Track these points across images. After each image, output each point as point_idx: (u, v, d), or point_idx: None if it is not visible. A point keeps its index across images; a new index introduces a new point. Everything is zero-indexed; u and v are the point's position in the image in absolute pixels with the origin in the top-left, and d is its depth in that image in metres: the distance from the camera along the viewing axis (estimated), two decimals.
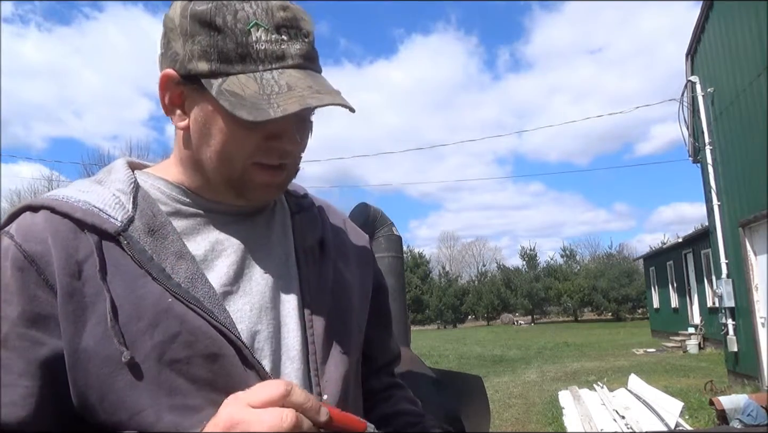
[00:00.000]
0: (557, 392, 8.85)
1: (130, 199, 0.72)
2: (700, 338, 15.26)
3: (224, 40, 0.68)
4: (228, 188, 0.75)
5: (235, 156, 0.71)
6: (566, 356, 15.41)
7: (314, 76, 0.70)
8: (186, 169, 0.77)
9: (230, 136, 0.70)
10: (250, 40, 0.67)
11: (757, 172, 7.72)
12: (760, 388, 7.83)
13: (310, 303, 0.78)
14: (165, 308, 0.66)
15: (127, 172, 0.77)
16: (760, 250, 8.22)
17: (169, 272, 0.68)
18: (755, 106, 7.78)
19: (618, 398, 7.75)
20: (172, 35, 0.71)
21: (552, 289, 38.72)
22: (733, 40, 8.49)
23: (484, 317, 42.39)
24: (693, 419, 6.67)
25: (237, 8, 0.68)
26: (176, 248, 0.71)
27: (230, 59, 0.68)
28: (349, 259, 0.88)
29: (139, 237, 0.69)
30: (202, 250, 0.74)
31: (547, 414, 7.60)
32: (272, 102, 0.65)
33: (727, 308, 9.14)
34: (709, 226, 10.43)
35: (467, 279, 47.09)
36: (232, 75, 0.68)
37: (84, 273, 0.66)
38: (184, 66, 0.70)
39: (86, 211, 0.69)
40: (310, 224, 0.85)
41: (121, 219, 0.70)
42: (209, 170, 0.73)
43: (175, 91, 0.72)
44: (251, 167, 0.72)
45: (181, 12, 0.70)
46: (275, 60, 0.68)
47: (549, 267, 42.59)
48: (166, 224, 0.72)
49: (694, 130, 10.21)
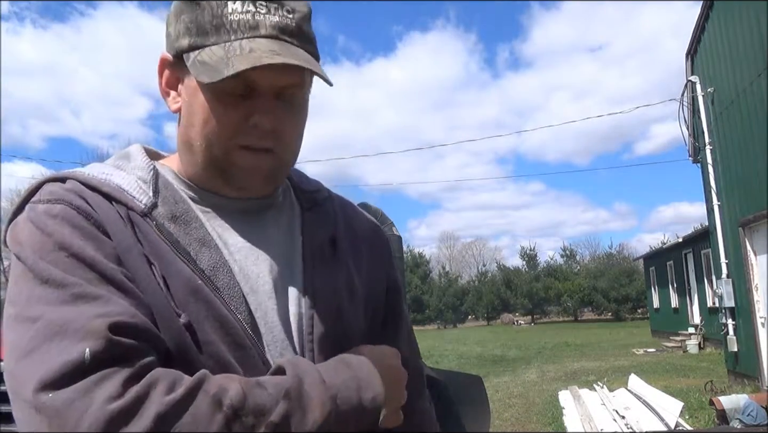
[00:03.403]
0: (557, 392, 8.84)
1: (150, 186, 0.73)
2: (700, 338, 15.26)
3: (202, 14, 0.70)
4: (215, 172, 0.74)
5: (217, 134, 0.71)
6: (566, 356, 15.40)
7: (285, 45, 0.70)
8: (182, 155, 0.77)
9: (210, 111, 0.70)
10: (225, 12, 0.69)
11: (757, 172, 7.72)
12: (760, 388, 7.83)
13: (311, 306, 0.76)
14: (195, 289, 0.67)
15: (145, 159, 0.77)
16: (760, 250, 8.22)
17: (194, 257, 0.69)
18: (755, 106, 7.78)
19: (618, 398, 7.75)
20: (170, 19, 0.74)
21: (552, 289, 38.70)
22: (733, 40, 8.48)
23: (484, 317, 42.39)
24: (693, 419, 6.67)
25: None
26: (200, 234, 0.71)
27: (206, 31, 0.70)
28: (362, 257, 0.86)
29: (160, 222, 0.70)
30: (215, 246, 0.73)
31: (547, 414, 7.60)
32: (229, 64, 0.66)
33: (727, 308, 9.14)
34: (709, 226, 10.43)
35: (467, 279, 47.10)
36: (206, 47, 0.69)
37: (126, 241, 0.67)
38: (173, 46, 0.73)
39: (114, 188, 0.70)
40: (321, 221, 0.83)
41: (145, 202, 0.70)
42: (197, 152, 0.73)
43: (171, 73, 0.74)
44: (236, 150, 0.72)
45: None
46: (248, 30, 0.69)
47: (549, 267, 42.57)
48: (188, 211, 0.73)
49: (694, 130, 10.20)
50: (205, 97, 0.70)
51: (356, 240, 0.86)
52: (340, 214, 0.87)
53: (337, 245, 0.82)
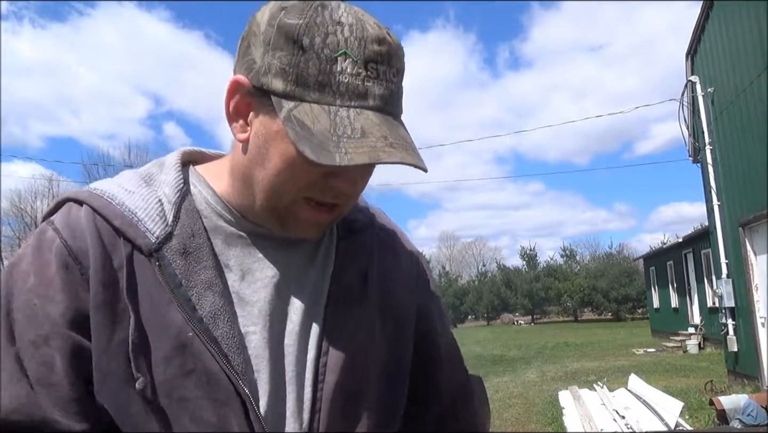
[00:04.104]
0: (557, 392, 8.84)
1: (173, 209, 0.70)
2: (700, 338, 15.25)
3: (306, 63, 0.62)
4: (271, 216, 0.71)
5: (288, 186, 0.66)
6: (566, 356, 15.40)
7: (392, 125, 0.64)
8: (235, 182, 0.72)
9: (288, 164, 0.64)
10: (334, 69, 0.62)
11: (757, 172, 7.72)
12: (760, 388, 7.83)
13: (327, 353, 0.72)
14: (184, 342, 0.64)
15: (178, 175, 0.73)
16: (760, 250, 8.22)
17: (194, 302, 0.66)
18: (755, 106, 7.77)
19: (618, 398, 7.75)
20: (254, 41, 0.66)
21: (552, 289, 38.69)
22: (733, 40, 8.48)
23: (484, 317, 42.40)
24: (693, 419, 6.67)
25: (329, 31, 0.62)
26: (207, 276, 0.68)
27: (308, 84, 0.62)
28: (395, 291, 0.80)
29: (171, 258, 0.67)
30: (233, 278, 0.71)
31: (547, 414, 7.60)
32: (341, 146, 0.60)
33: (727, 308, 9.14)
34: (709, 226, 10.43)
35: (467, 279, 47.13)
36: (306, 102, 0.62)
37: (118, 284, 0.65)
38: (258, 77, 0.65)
39: (125, 220, 0.67)
40: (355, 253, 0.78)
41: (158, 234, 0.67)
42: (257, 192, 0.69)
43: (243, 100, 0.67)
44: (300, 201, 0.68)
45: (269, 19, 0.65)
46: (355, 97, 0.62)
47: (549, 267, 42.56)
48: (202, 247, 0.69)
49: (694, 130, 10.20)
50: (286, 148, 0.64)
51: (391, 272, 0.81)
52: (377, 243, 0.81)
53: (368, 279, 0.77)
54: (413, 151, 0.63)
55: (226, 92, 0.67)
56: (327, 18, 0.63)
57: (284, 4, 0.65)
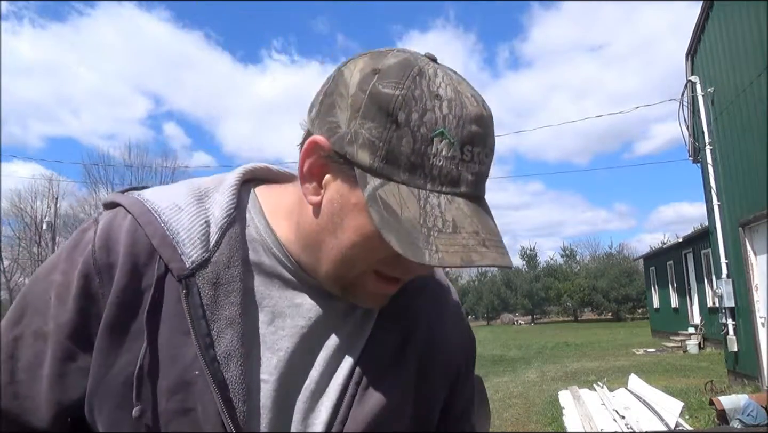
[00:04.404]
0: (557, 392, 8.84)
1: (215, 236, 0.66)
2: (700, 338, 15.25)
3: (399, 140, 0.57)
4: (333, 282, 0.67)
5: (359, 261, 0.63)
6: (566, 356, 15.40)
7: (482, 216, 0.60)
8: (298, 237, 0.68)
9: (363, 240, 0.61)
10: (429, 151, 0.57)
11: (757, 172, 7.72)
12: (760, 388, 7.83)
13: (343, 422, 0.66)
14: (189, 380, 0.62)
15: (232, 197, 0.69)
16: (760, 250, 8.22)
17: (213, 337, 0.62)
18: (755, 106, 7.77)
19: (618, 398, 7.75)
20: (340, 102, 0.61)
21: (552, 289, 38.73)
22: (733, 40, 8.48)
23: (484, 317, 42.40)
24: (693, 419, 6.67)
25: (427, 107, 0.57)
26: (231, 313, 0.64)
27: (398, 163, 0.57)
28: (433, 374, 0.74)
29: (202, 287, 0.63)
30: (261, 319, 0.67)
31: (547, 414, 7.60)
32: (431, 242, 0.56)
33: (727, 308, 9.14)
34: (709, 226, 10.43)
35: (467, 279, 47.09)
36: (393, 181, 0.58)
37: (140, 305, 0.63)
38: (342, 144, 0.60)
39: (164, 240, 0.65)
40: (397, 318, 0.72)
41: (194, 259, 0.64)
42: (324, 258, 0.65)
43: (319, 161, 0.62)
44: (370, 274, 0.64)
45: (360, 83, 0.60)
46: (448, 183, 0.58)
47: (549, 267, 42.60)
48: (233, 280, 0.65)
49: (694, 130, 10.20)
50: (363, 224, 0.60)
51: (434, 350, 0.75)
52: (424, 313, 0.75)
53: (407, 351, 0.72)
54: (503, 248, 0.59)
55: (302, 151, 0.63)
56: (425, 90, 0.58)
57: (377, 66, 0.60)
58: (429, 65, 0.60)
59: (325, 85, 0.64)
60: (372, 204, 0.58)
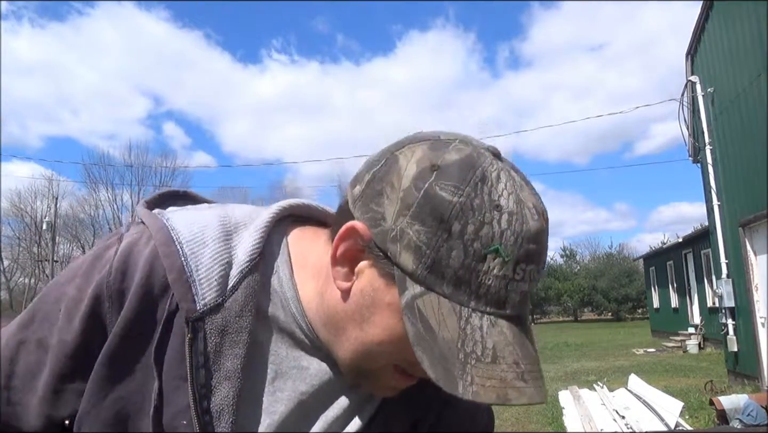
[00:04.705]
0: (557, 392, 8.83)
1: (234, 279, 0.62)
2: (700, 338, 15.26)
3: (450, 252, 0.53)
4: (350, 370, 0.63)
5: (380, 359, 0.60)
6: (566, 356, 15.40)
7: (524, 343, 0.56)
8: (320, 309, 0.64)
9: (389, 340, 0.58)
10: (480, 268, 0.53)
11: (757, 172, 7.73)
12: (760, 388, 7.83)
13: None
14: (176, 427, 0.59)
15: (260, 240, 0.65)
16: (760, 250, 8.22)
17: (210, 388, 0.60)
18: (755, 106, 7.78)
19: (618, 398, 7.75)
20: (390, 192, 0.56)
21: (552, 289, 38.70)
22: (733, 40, 8.49)
23: None
24: (693, 419, 6.67)
25: (485, 220, 0.53)
26: (233, 365, 0.60)
27: (444, 275, 0.53)
28: None
29: (209, 332, 0.60)
30: (262, 377, 0.63)
31: (547, 414, 7.60)
32: (467, 371, 0.52)
33: (727, 308, 9.14)
34: (709, 226, 10.43)
35: None
36: (434, 292, 0.54)
37: (144, 340, 0.61)
38: (385, 240, 0.56)
39: (180, 276, 0.61)
40: (405, 401, 0.67)
41: (207, 302, 0.60)
42: (344, 345, 0.62)
43: (356, 247, 0.58)
44: (389, 369, 0.61)
45: (415, 178, 0.55)
46: (493, 303, 0.54)
47: (549, 267, 42.49)
48: (242, 331, 0.61)
49: (694, 130, 10.21)
50: (396, 325, 0.56)
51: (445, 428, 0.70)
52: (435, 398, 0.69)
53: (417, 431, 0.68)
54: (541, 379, 0.55)
55: (339, 234, 0.59)
56: (486, 200, 0.53)
57: (437, 162, 0.55)
58: (492, 166, 0.56)
59: (374, 165, 0.60)
60: (408, 314, 0.54)
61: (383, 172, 0.58)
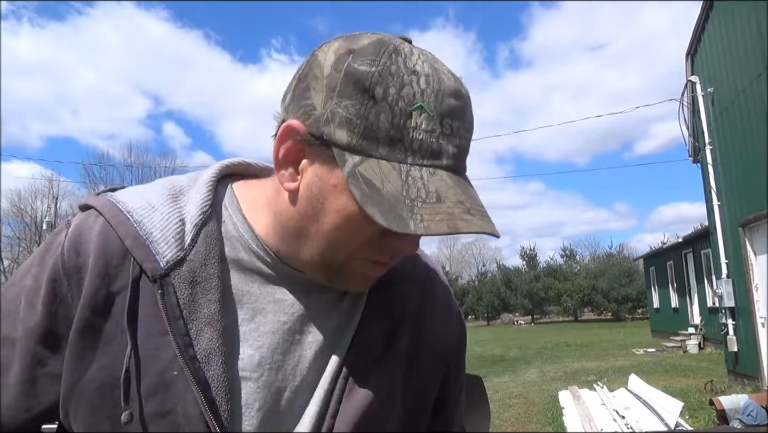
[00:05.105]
0: (557, 392, 8.84)
1: (190, 234, 0.64)
2: (700, 338, 15.26)
3: (377, 115, 0.56)
4: (318, 270, 0.65)
5: (344, 243, 0.61)
6: (566, 356, 15.40)
7: (465, 188, 0.60)
8: (277, 229, 0.66)
9: (346, 221, 0.59)
10: (408, 125, 0.56)
11: (757, 172, 7.72)
12: (760, 388, 7.83)
13: (334, 416, 0.65)
14: (168, 381, 0.60)
15: (207, 194, 0.68)
16: (760, 250, 8.22)
17: (192, 337, 0.61)
18: (755, 106, 7.78)
19: (618, 398, 7.75)
20: (315, 84, 0.60)
21: (552, 289, 38.72)
22: (733, 40, 8.48)
23: (484, 317, 42.38)
24: (693, 419, 6.67)
25: (405, 82, 0.57)
26: (210, 310, 0.62)
27: (378, 139, 0.57)
28: (424, 365, 0.73)
29: (178, 286, 0.62)
30: (242, 316, 0.65)
31: (547, 414, 7.60)
32: (415, 212, 0.55)
33: (727, 308, 9.14)
34: (709, 226, 10.43)
35: (467, 279, 47.14)
36: (373, 158, 0.57)
37: (113, 307, 0.62)
38: (318, 125, 0.58)
39: (137, 241, 0.63)
40: (386, 308, 0.71)
41: (168, 258, 0.63)
42: (308, 245, 0.63)
43: (295, 146, 0.61)
44: (357, 259, 0.63)
45: (335, 63, 0.59)
46: (429, 156, 0.58)
47: (549, 267, 42.61)
48: (211, 277, 0.63)
49: (694, 130, 10.21)
50: (345, 205, 0.59)
51: (424, 340, 0.73)
52: (412, 301, 0.73)
53: (396, 341, 0.70)
54: (488, 217, 0.59)
55: (277, 137, 0.61)
56: (402, 66, 0.57)
57: (352, 46, 0.59)
58: (404, 44, 0.60)
59: (298, 72, 0.63)
60: (352, 181, 0.57)
61: (306, 72, 0.62)
